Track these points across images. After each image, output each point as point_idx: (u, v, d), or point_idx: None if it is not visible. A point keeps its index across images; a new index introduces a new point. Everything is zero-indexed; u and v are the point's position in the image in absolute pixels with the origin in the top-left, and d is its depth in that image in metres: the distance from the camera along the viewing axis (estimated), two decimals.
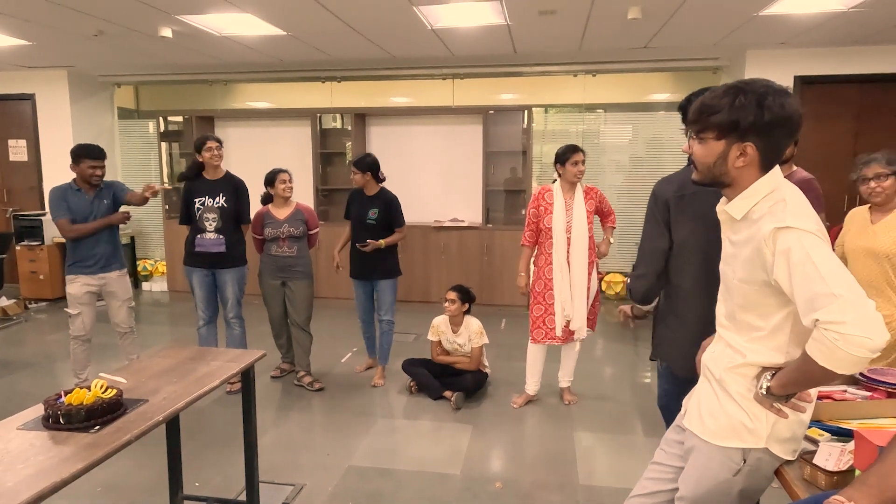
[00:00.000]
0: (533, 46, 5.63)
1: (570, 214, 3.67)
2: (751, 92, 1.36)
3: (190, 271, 4.02)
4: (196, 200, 3.94)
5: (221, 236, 3.94)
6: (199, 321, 4.09)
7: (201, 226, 3.93)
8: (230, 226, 3.98)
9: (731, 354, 1.47)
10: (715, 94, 1.41)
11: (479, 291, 6.39)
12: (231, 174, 4.10)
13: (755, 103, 1.35)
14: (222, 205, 3.94)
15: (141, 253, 7.69)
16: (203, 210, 3.93)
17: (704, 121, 1.42)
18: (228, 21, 4.63)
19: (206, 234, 3.93)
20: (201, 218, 3.93)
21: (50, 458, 1.55)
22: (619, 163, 6.88)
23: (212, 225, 3.93)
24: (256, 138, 7.17)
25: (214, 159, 3.95)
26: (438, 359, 4.11)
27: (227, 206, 3.95)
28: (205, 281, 4.01)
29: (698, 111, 1.43)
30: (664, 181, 2.08)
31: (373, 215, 4.20)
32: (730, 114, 1.37)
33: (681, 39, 5.32)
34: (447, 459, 3.16)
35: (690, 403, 1.59)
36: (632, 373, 4.58)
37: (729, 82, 1.42)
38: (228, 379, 2.21)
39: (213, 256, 3.95)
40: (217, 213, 3.93)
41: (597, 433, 3.49)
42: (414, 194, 6.94)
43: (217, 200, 3.94)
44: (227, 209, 3.95)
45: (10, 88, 6.94)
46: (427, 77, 6.87)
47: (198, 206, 3.94)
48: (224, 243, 3.95)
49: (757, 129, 1.36)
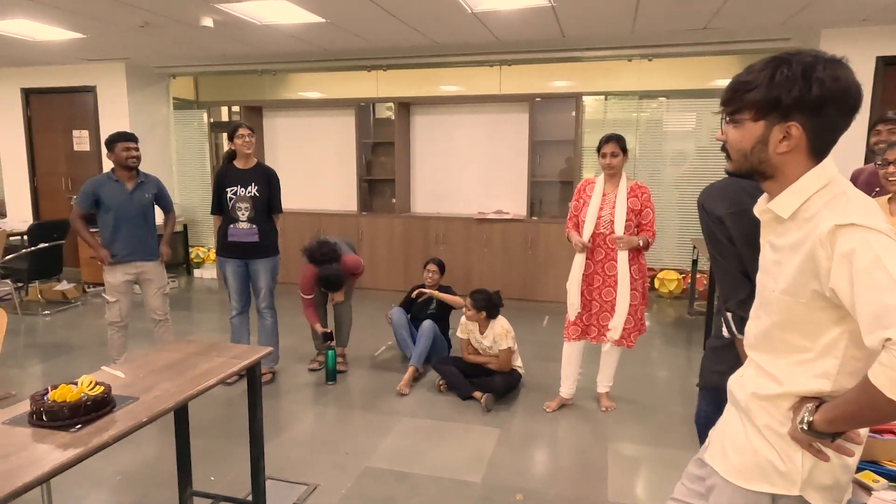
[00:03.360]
0: (581, 29, 5.32)
1: (606, 209, 3.39)
2: (796, 63, 1.12)
3: (223, 262, 4.02)
4: (228, 190, 3.92)
5: (254, 226, 3.92)
6: (232, 311, 4.10)
7: (234, 215, 3.92)
8: (263, 215, 3.95)
9: (761, 380, 1.23)
10: (752, 67, 1.17)
11: (521, 287, 6.22)
12: (262, 163, 4.06)
13: (800, 75, 1.10)
14: (255, 194, 3.90)
15: (193, 241, 7.90)
16: (235, 200, 3.91)
17: (739, 99, 1.19)
18: (266, 9, 4.60)
19: (238, 223, 3.92)
20: (234, 207, 3.91)
21: (21, 458, 1.50)
22: (683, 152, 6.46)
23: (244, 215, 3.91)
24: (302, 128, 7.18)
25: (246, 146, 3.89)
26: (469, 357, 3.94)
27: (260, 196, 3.91)
28: (238, 271, 4.00)
29: (732, 88, 1.20)
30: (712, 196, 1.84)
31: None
32: (769, 89, 1.13)
33: (744, 19, 4.88)
34: (469, 465, 3.01)
35: (714, 435, 1.36)
36: (681, 379, 4.26)
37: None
38: (227, 377, 2.13)
39: (247, 247, 3.94)
40: (249, 203, 3.90)
41: (634, 444, 3.24)
42: (457, 185, 6.79)
43: (249, 190, 3.90)
44: (260, 199, 3.91)
45: (74, 81, 7.23)
46: (473, 64, 6.66)
47: (230, 196, 3.92)
48: (257, 233, 3.93)
49: (803, 106, 1.12)
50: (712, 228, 1.81)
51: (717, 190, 1.83)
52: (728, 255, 1.78)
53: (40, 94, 7.45)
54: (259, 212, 3.92)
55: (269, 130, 7.26)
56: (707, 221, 1.82)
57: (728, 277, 1.79)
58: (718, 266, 1.82)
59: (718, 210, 1.77)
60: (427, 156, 6.85)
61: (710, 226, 1.82)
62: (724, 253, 1.78)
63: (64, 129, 7.51)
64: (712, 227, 1.80)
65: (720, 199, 1.78)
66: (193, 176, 7.80)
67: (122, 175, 3.85)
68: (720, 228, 1.77)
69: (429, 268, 4.46)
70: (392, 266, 6.66)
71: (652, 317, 5.84)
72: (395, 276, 6.62)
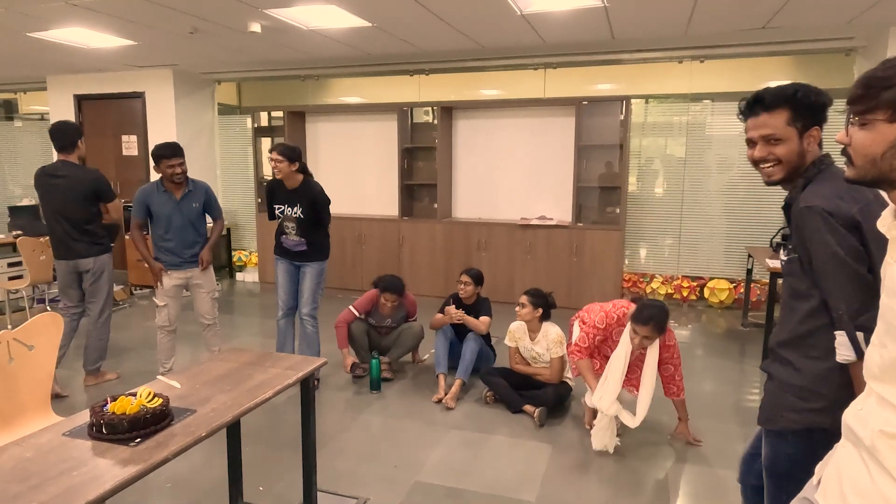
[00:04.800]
0: (633, 31, 5.16)
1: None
2: None
3: (277, 260, 4.11)
4: (276, 207, 4.00)
5: (302, 239, 3.98)
6: (279, 311, 4.14)
7: (283, 230, 4.03)
8: (310, 230, 3.98)
9: (889, 415, 1.10)
10: (891, 62, 1.05)
11: (566, 294, 6.06)
12: (308, 183, 3.94)
13: None
14: (299, 216, 3.93)
15: (236, 244, 7.98)
16: (283, 219, 3.99)
17: (873, 97, 1.06)
18: (314, 14, 4.59)
19: (288, 236, 4.00)
20: (282, 224, 4.01)
21: (83, 473, 1.46)
22: (728, 158, 6.22)
23: (292, 231, 3.99)
24: (344, 133, 7.19)
25: (276, 171, 3.84)
26: (517, 368, 3.83)
27: (304, 217, 3.94)
28: (289, 269, 4.08)
29: (865, 85, 1.08)
30: (828, 198, 1.46)
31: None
32: None
33: (808, 17, 4.66)
34: (522, 482, 2.89)
35: (827, 473, 1.22)
36: (736, 393, 4.06)
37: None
38: (283, 389, 2.07)
39: (297, 253, 4.03)
40: (295, 224, 3.95)
41: (691, 465, 3.08)
42: (500, 190, 6.69)
43: (294, 211, 3.94)
44: (304, 219, 3.94)
45: (124, 87, 7.39)
46: (518, 67, 6.55)
47: (278, 213, 4.01)
48: (305, 244, 3.99)
49: None
50: (840, 237, 1.44)
51: (825, 190, 1.48)
52: (861, 259, 1.43)
53: (92, 101, 7.64)
54: (306, 229, 3.96)
55: (312, 135, 7.29)
56: (831, 228, 1.45)
57: (858, 286, 1.42)
58: (846, 273, 1.43)
59: (849, 209, 1.44)
60: (469, 160, 6.77)
61: (838, 232, 1.45)
62: (856, 257, 1.43)
63: (113, 135, 7.68)
64: (840, 236, 1.44)
65: (839, 199, 1.44)
66: (237, 181, 7.89)
67: (169, 186, 3.90)
68: (854, 231, 1.44)
69: (462, 279, 4.16)
70: (433, 272, 6.59)
71: (701, 328, 5.63)
72: (436, 282, 6.55)
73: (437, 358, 4.03)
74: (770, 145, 1.53)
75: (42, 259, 5.37)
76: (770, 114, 1.51)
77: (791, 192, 1.59)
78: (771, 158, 1.53)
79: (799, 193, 1.55)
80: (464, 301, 4.18)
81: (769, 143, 1.52)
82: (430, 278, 6.60)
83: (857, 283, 1.42)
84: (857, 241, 1.44)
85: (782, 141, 1.51)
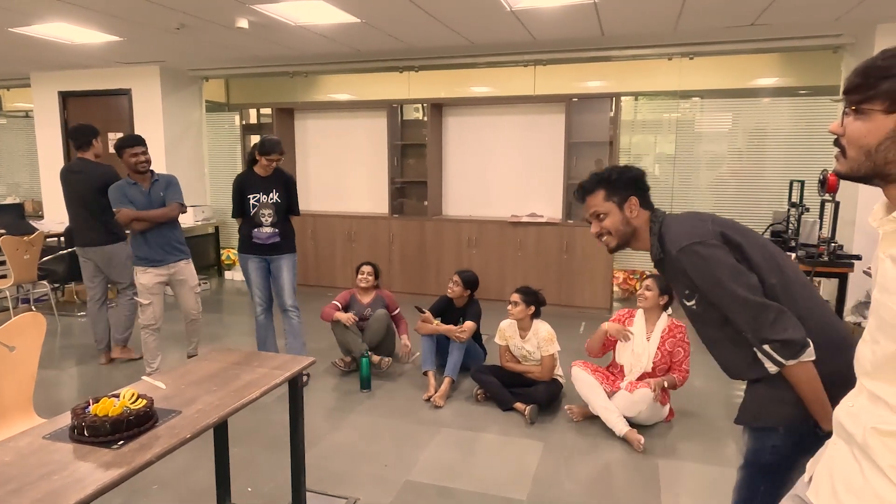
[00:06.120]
0: (623, 27, 5.15)
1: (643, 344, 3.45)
2: None
3: (245, 258, 4.08)
4: (251, 197, 3.99)
5: (276, 229, 4.01)
6: (258, 308, 4.14)
7: (257, 221, 3.99)
8: (283, 218, 4.05)
9: (882, 413, 1.08)
10: (889, 52, 1.03)
11: (557, 292, 6.06)
12: (281, 169, 4.09)
13: None
14: (276, 200, 3.98)
15: (224, 243, 7.91)
16: (259, 206, 3.98)
17: (873, 86, 1.05)
18: (302, 9, 4.54)
19: (262, 227, 4.00)
20: (257, 214, 3.98)
21: (64, 477, 1.43)
22: (716, 154, 6.24)
23: (268, 220, 4.00)
24: (333, 130, 7.14)
25: (269, 170, 3.96)
26: (508, 366, 3.81)
27: (281, 202, 4.00)
28: (260, 266, 4.08)
29: (863, 74, 1.07)
30: (691, 232, 1.65)
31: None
32: None
33: (796, 14, 4.67)
34: (513, 481, 2.88)
35: (818, 471, 1.21)
36: (726, 388, 4.07)
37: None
38: (270, 390, 2.04)
39: (269, 247, 4.03)
40: (272, 209, 3.99)
41: (683, 461, 3.08)
42: (490, 187, 6.67)
43: (271, 196, 3.98)
44: (281, 204, 4.00)
45: (110, 84, 7.29)
46: (508, 64, 6.53)
47: (253, 203, 3.98)
48: (279, 234, 4.02)
49: None
50: (720, 260, 1.58)
51: (681, 229, 1.67)
52: (741, 275, 1.57)
53: (77, 97, 7.53)
54: (280, 216, 4.02)
55: (300, 132, 7.24)
56: (714, 256, 1.59)
57: (749, 308, 1.55)
58: (734, 301, 1.57)
59: (712, 229, 1.64)
60: (459, 158, 6.75)
61: (719, 256, 1.59)
62: (736, 276, 1.56)
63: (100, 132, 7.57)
64: (723, 255, 1.59)
65: (695, 228, 1.64)
66: (225, 178, 7.81)
67: (136, 177, 3.92)
68: (733, 252, 1.60)
69: (453, 279, 4.14)
70: (423, 270, 6.56)
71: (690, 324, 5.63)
72: (426, 280, 6.53)
73: (424, 355, 4.01)
74: (599, 220, 1.80)
75: (26, 258, 5.29)
76: (591, 196, 1.81)
77: (651, 251, 1.76)
78: (603, 231, 1.81)
79: (660, 246, 1.71)
80: (455, 303, 4.16)
81: (598, 218, 1.80)
82: (421, 276, 6.58)
83: (747, 305, 1.55)
84: (731, 255, 1.59)
85: (607, 215, 1.78)
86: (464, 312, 4.10)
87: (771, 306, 1.54)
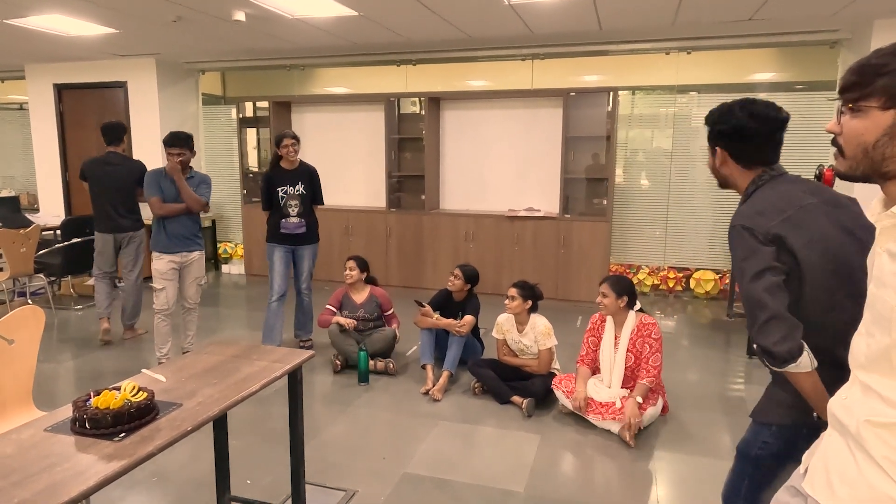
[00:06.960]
0: (621, 21, 5.15)
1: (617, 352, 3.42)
2: None
3: (272, 247, 4.42)
4: (279, 189, 4.35)
5: (302, 219, 4.40)
6: (273, 296, 4.39)
7: (285, 212, 4.36)
8: (309, 209, 4.46)
9: (876, 405, 1.10)
10: (883, 50, 1.04)
11: (554, 286, 6.08)
12: (305, 163, 4.50)
13: None
14: (302, 192, 4.39)
15: (221, 236, 7.90)
16: (287, 198, 4.36)
17: (869, 83, 1.05)
18: (299, 2, 4.53)
19: (290, 218, 4.36)
20: (285, 205, 4.36)
21: (65, 469, 1.43)
22: None
23: (294, 210, 4.37)
24: (331, 124, 7.13)
25: (290, 154, 4.30)
26: (505, 359, 3.84)
27: (306, 193, 4.41)
28: (285, 256, 4.44)
29: (859, 72, 1.07)
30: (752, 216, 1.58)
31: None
32: None
33: (794, 9, 4.68)
34: (511, 473, 2.90)
35: (813, 463, 1.23)
36: (721, 383, 4.11)
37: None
38: (270, 382, 2.05)
39: (296, 237, 4.42)
40: (298, 200, 4.38)
41: (678, 454, 3.11)
42: (488, 182, 6.68)
43: (297, 188, 4.38)
44: (307, 195, 4.42)
45: (105, 76, 7.25)
46: (505, 58, 6.52)
47: (281, 195, 4.35)
48: (305, 225, 4.42)
49: None
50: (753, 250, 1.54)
51: (752, 208, 1.60)
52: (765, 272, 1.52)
53: (72, 90, 7.50)
54: (306, 206, 4.43)
55: (298, 126, 7.22)
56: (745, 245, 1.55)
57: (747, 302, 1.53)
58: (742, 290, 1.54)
59: (767, 223, 1.54)
60: (457, 152, 6.75)
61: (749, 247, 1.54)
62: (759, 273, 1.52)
63: (95, 125, 7.51)
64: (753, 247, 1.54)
65: (759, 214, 1.57)
66: (222, 172, 7.79)
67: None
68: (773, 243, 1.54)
69: (454, 272, 4.15)
70: (420, 264, 6.57)
71: (687, 318, 5.68)
72: (423, 274, 6.54)
73: (423, 349, 4.02)
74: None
75: (22, 251, 5.28)
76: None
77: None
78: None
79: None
80: (454, 297, 4.17)
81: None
82: (417, 270, 6.59)
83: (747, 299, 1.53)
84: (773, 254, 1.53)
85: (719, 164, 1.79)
86: (463, 306, 4.12)
87: (767, 308, 1.48)
